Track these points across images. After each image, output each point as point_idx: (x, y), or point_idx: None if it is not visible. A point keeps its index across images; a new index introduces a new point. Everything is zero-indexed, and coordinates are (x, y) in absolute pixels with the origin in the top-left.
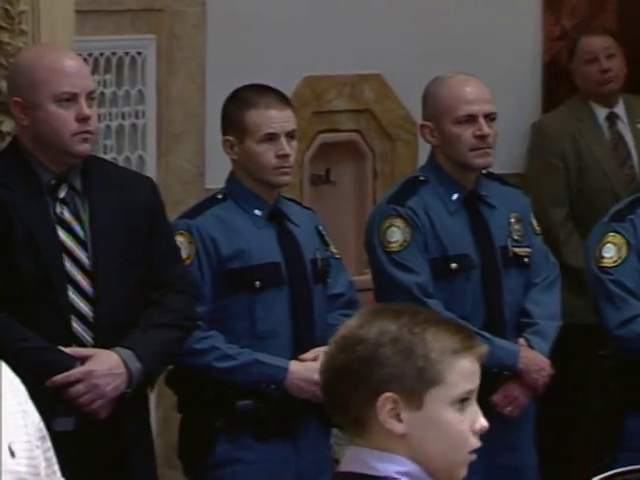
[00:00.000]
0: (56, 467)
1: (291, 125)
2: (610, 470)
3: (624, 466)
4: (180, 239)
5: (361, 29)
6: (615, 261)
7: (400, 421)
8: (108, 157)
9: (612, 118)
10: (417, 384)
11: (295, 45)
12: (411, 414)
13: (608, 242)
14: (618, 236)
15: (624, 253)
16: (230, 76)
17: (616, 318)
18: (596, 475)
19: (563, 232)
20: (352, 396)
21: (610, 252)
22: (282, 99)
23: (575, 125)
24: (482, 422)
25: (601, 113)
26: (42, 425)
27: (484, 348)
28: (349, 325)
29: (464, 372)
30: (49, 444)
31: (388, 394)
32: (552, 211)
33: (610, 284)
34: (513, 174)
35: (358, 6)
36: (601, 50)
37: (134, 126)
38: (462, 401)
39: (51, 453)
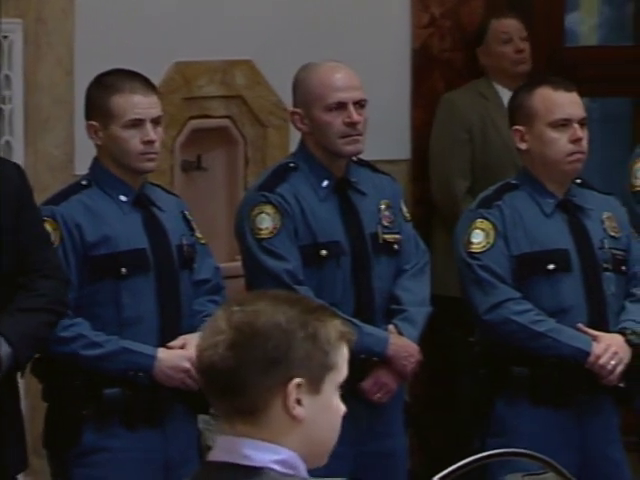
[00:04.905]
0: None
1: (156, 111)
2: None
3: (492, 450)
4: (45, 226)
5: (231, 15)
6: (483, 246)
7: (301, 406)
8: None
9: None
10: (320, 369)
11: (165, 31)
12: (311, 399)
13: (476, 228)
14: (486, 222)
15: (492, 239)
16: (99, 62)
17: (485, 303)
18: (465, 459)
19: (464, 205)
20: (254, 381)
21: (478, 238)
22: (147, 85)
23: (481, 102)
24: (344, 408)
25: (505, 95)
26: None
27: (354, 334)
28: (250, 311)
29: (345, 357)
30: None
31: (297, 380)
32: (455, 183)
33: (478, 269)
34: (382, 161)
35: None
36: (515, 31)
37: (1, 111)
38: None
39: None
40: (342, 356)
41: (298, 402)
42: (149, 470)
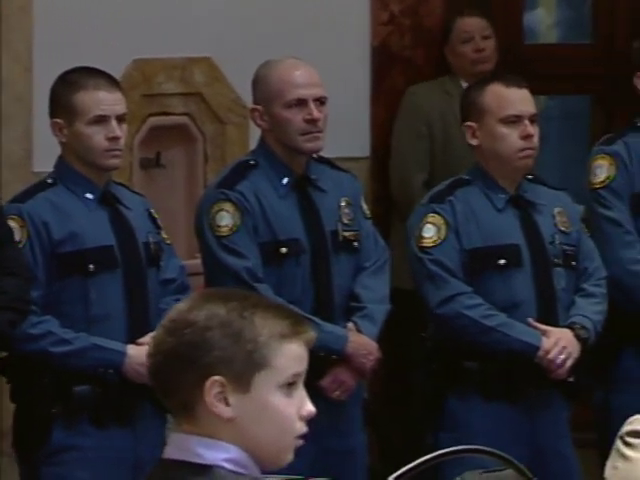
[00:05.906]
0: None
1: (121, 108)
2: (434, 450)
3: (446, 446)
4: (12, 224)
5: (191, 12)
6: (435, 241)
7: (227, 405)
8: None
9: None
10: (245, 368)
11: (124, 27)
12: (238, 398)
13: (428, 222)
14: (438, 217)
15: (443, 233)
16: (58, 59)
17: (436, 297)
18: (419, 454)
19: (419, 199)
20: (180, 380)
21: (430, 232)
22: (112, 81)
23: (444, 99)
24: (309, 408)
25: None
26: None
27: (313, 334)
28: (178, 309)
29: (291, 356)
30: None
31: (215, 377)
32: (413, 176)
33: (430, 264)
34: (342, 158)
35: None
36: (477, 30)
37: None
38: (289, 385)
39: None
40: (284, 356)
41: (225, 401)
42: (119, 469)
